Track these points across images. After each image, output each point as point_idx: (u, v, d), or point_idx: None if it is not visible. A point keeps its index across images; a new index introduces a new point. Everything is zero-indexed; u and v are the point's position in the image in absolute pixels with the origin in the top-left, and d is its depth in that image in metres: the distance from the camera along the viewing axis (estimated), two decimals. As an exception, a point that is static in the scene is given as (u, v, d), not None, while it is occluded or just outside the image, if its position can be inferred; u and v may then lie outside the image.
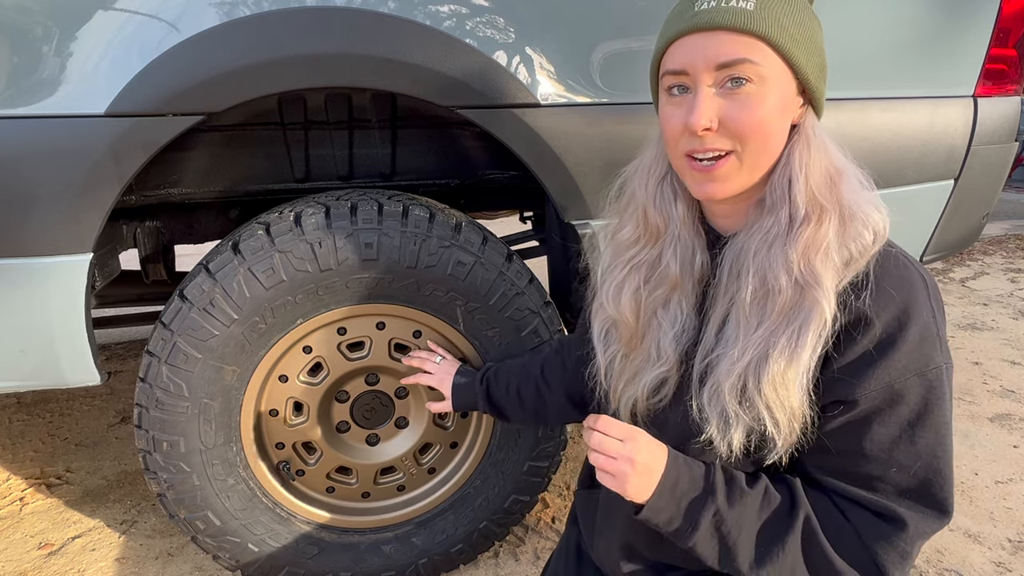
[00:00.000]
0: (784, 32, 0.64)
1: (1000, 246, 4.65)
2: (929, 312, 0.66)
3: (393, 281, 1.18)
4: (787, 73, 0.66)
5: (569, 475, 1.88)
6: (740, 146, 0.66)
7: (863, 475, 0.68)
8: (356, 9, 1.08)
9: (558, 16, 1.17)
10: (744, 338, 0.68)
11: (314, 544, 1.33)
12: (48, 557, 1.56)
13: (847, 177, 0.68)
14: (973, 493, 1.83)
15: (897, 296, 0.65)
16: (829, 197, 0.67)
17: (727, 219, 0.75)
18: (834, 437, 0.68)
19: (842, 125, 1.37)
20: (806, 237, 0.66)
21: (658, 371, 0.76)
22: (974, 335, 3.00)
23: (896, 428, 0.66)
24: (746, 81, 0.64)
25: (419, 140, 1.47)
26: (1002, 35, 1.50)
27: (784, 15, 0.64)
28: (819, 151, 0.68)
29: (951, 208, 1.60)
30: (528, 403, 1.09)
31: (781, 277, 0.66)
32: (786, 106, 0.67)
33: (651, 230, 0.77)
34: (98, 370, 1.17)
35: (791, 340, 0.65)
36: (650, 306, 0.77)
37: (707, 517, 0.68)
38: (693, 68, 0.66)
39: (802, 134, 0.68)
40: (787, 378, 0.65)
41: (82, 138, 1.03)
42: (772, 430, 0.67)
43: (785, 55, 0.64)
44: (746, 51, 0.64)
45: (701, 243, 0.76)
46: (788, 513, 0.69)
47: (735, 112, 0.65)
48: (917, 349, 0.65)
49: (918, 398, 0.65)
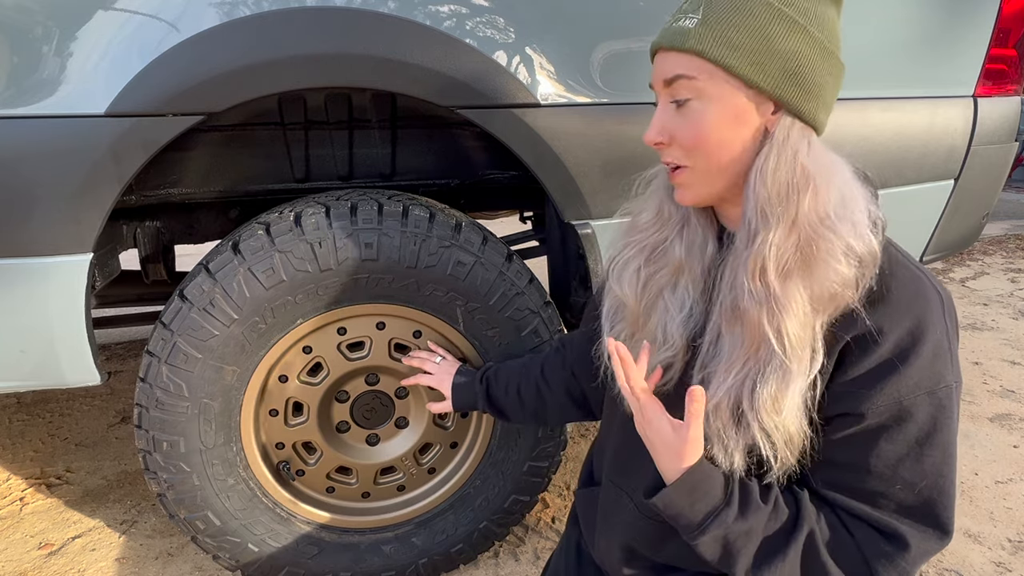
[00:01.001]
0: (724, 44, 0.63)
1: (1000, 246, 4.65)
2: (943, 329, 0.65)
3: (393, 281, 1.18)
4: (732, 84, 0.65)
5: (569, 475, 1.88)
6: (690, 159, 0.69)
7: (867, 490, 0.67)
8: (356, 9, 1.08)
9: (558, 16, 1.17)
10: (728, 357, 0.68)
11: (314, 544, 1.33)
12: (48, 557, 1.56)
13: (817, 193, 0.64)
14: (973, 493, 1.83)
15: (911, 311, 0.65)
16: (778, 209, 0.64)
17: (733, 223, 0.75)
18: (839, 450, 0.68)
19: (842, 125, 1.37)
20: (755, 252, 0.64)
21: (664, 354, 0.76)
22: (974, 335, 3.00)
23: (903, 446, 0.65)
24: (688, 98, 0.67)
25: (419, 140, 1.47)
26: (1002, 35, 1.50)
27: (731, 27, 0.64)
28: (784, 160, 0.65)
29: (951, 208, 1.60)
30: (528, 403, 1.09)
31: (746, 298, 0.65)
32: (739, 116, 0.66)
33: (663, 217, 0.78)
34: (98, 370, 1.17)
35: (778, 365, 0.64)
36: (653, 287, 0.77)
37: (717, 527, 0.68)
38: (655, 83, 0.70)
39: (768, 141, 0.66)
40: (779, 403, 0.65)
41: (82, 138, 1.03)
42: (768, 453, 0.67)
43: (725, 67, 0.64)
44: (681, 68, 0.66)
45: (713, 233, 0.76)
46: (792, 526, 0.68)
47: (679, 127, 0.68)
48: (929, 366, 0.64)
49: (927, 416, 0.65)
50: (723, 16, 0.64)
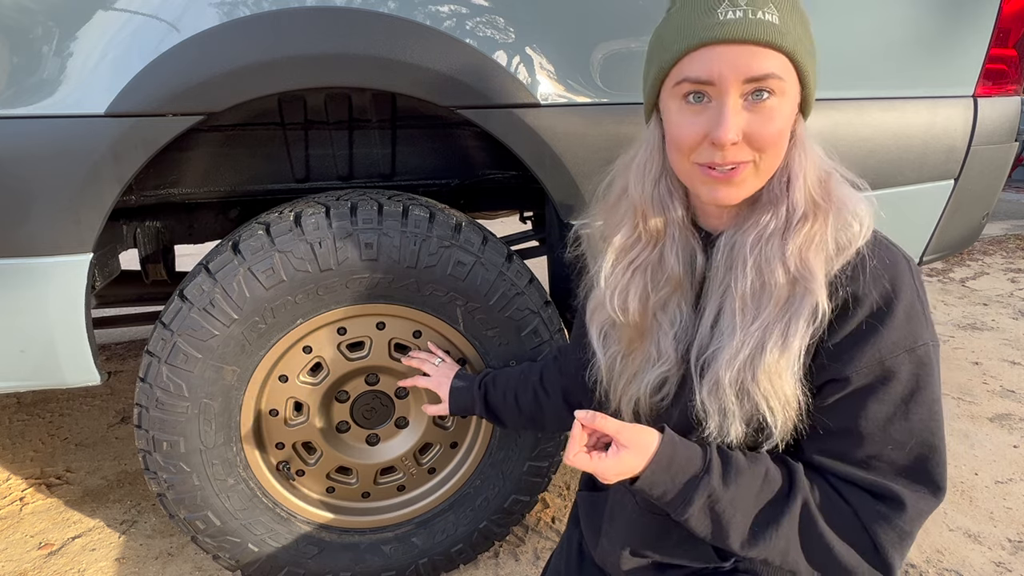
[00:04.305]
0: (801, 45, 0.66)
1: (1000, 246, 4.65)
2: (913, 291, 0.68)
3: (393, 281, 1.18)
4: (798, 84, 0.68)
5: (569, 475, 1.88)
6: (759, 156, 0.67)
7: (860, 454, 0.69)
8: (356, 9, 1.08)
9: (558, 16, 1.17)
10: (742, 330, 0.69)
11: (314, 544, 1.33)
12: (48, 557, 1.56)
13: (834, 175, 0.71)
14: (973, 493, 1.83)
15: (883, 276, 0.68)
16: (824, 195, 0.69)
17: (718, 219, 0.76)
18: (829, 417, 0.70)
19: (842, 125, 1.37)
20: (804, 233, 0.68)
21: (659, 370, 0.77)
22: (974, 335, 3.00)
23: (890, 405, 0.67)
24: (769, 94, 0.65)
25: (419, 140, 1.47)
26: (1002, 35, 1.49)
27: (799, 26, 0.66)
28: (811, 153, 0.71)
29: (951, 208, 1.60)
30: (526, 410, 1.09)
31: (777, 270, 0.68)
32: (793, 114, 0.69)
33: (649, 231, 0.77)
34: (98, 370, 1.17)
35: (784, 330, 0.67)
36: (651, 306, 0.78)
37: (701, 495, 0.69)
38: (721, 79, 0.64)
39: (797, 138, 0.70)
40: (780, 367, 0.67)
41: (82, 138, 1.03)
42: (769, 419, 0.69)
43: (800, 69, 0.66)
44: (775, 66, 0.64)
45: (698, 242, 0.77)
46: (786, 496, 0.70)
47: (759, 126, 0.65)
48: (905, 326, 0.67)
49: (909, 375, 0.67)
50: (792, 16, 0.66)
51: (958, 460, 1.98)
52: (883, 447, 0.68)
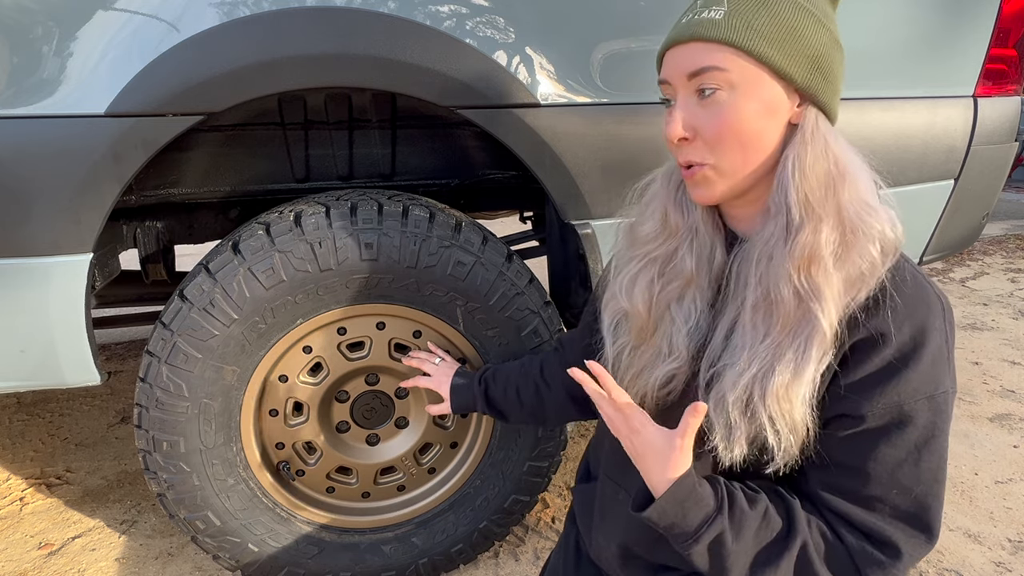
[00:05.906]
0: (755, 34, 0.63)
1: (1000, 246, 4.65)
2: (943, 335, 0.65)
3: (393, 281, 1.18)
4: (763, 75, 0.65)
5: (569, 475, 1.88)
6: (715, 155, 0.67)
7: (863, 493, 0.67)
8: (356, 9, 1.08)
9: (558, 16, 1.17)
10: (750, 348, 0.67)
11: (314, 544, 1.33)
12: (48, 557, 1.56)
13: (852, 183, 0.66)
14: (973, 493, 1.83)
15: (914, 316, 0.65)
16: (824, 202, 0.65)
17: (742, 223, 0.75)
18: (837, 452, 0.68)
19: (841, 125, 1.37)
20: (801, 245, 0.64)
21: (669, 366, 0.76)
22: (974, 335, 3.00)
23: (902, 451, 0.65)
24: (716, 89, 0.65)
25: (419, 140, 1.47)
26: (1002, 35, 1.50)
27: (757, 17, 0.64)
28: (818, 152, 0.66)
29: (951, 208, 1.60)
30: (527, 403, 1.09)
31: (783, 288, 0.65)
32: (770, 109, 0.66)
33: (670, 227, 0.77)
34: (98, 370, 1.17)
35: (796, 354, 0.65)
36: (663, 300, 0.77)
37: (710, 536, 0.68)
38: (672, 79, 0.68)
39: (798, 134, 0.67)
40: (791, 392, 0.65)
41: (82, 138, 1.03)
42: (773, 441, 0.67)
43: (757, 57, 0.64)
44: (711, 59, 0.64)
45: (721, 241, 0.76)
46: (785, 538, 0.68)
47: (706, 120, 0.66)
48: (929, 371, 0.64)
49: (926, 421, 0.65)
50: (750, 8, 0.64)
51: (958, 460, 1.98)
52: (888, 490, 0.66)
